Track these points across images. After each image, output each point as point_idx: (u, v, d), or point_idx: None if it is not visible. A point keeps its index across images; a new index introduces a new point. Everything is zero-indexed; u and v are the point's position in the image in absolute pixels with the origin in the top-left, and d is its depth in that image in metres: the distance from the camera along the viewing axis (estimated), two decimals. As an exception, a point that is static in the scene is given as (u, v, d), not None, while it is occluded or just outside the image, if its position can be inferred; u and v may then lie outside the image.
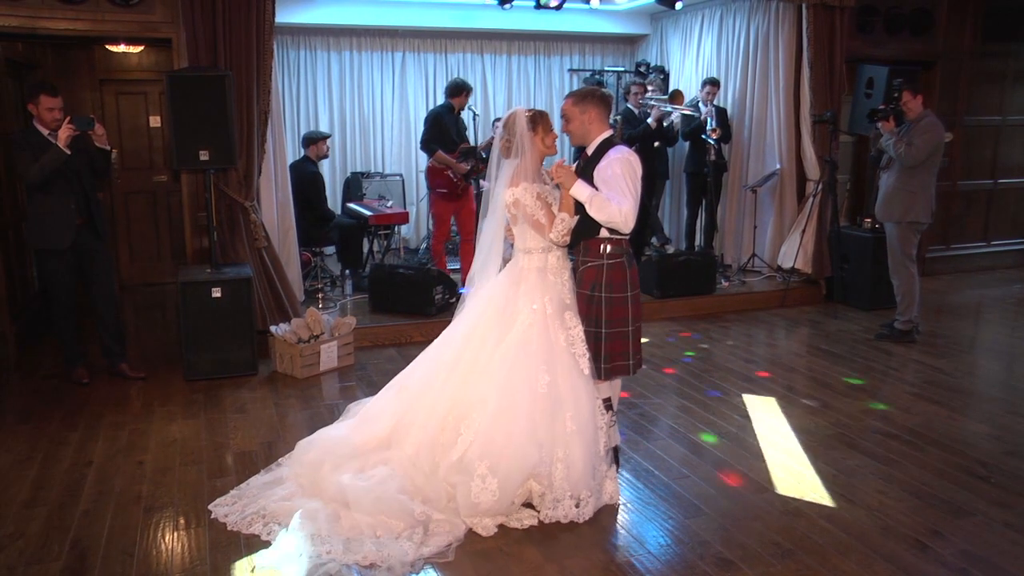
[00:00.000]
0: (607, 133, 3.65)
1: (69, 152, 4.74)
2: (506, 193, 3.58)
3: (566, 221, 3.52)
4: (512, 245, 3.73)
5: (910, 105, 5.92)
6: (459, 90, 6.87)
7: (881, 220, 6.10)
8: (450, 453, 3.46)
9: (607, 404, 3.71)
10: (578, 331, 3.58)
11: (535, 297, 3.56)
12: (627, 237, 3.64)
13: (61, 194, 4.85)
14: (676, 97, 7.41)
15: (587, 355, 3.57)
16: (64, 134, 4.70)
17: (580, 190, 3.46)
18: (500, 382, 3.47)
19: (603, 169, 3.50)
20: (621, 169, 3.47)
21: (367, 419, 3.82)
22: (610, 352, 3.62)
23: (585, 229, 3.56)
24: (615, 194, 3.44)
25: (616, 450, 3.86)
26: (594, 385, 3.59)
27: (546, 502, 3.41)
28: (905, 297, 6.09)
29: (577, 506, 3.42)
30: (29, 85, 4.83)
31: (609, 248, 3.58)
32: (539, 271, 3.60)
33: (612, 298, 3.59)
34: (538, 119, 3.61)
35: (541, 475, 3.40)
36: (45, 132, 4.81)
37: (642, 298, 3.77)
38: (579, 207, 3.53)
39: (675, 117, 7.70)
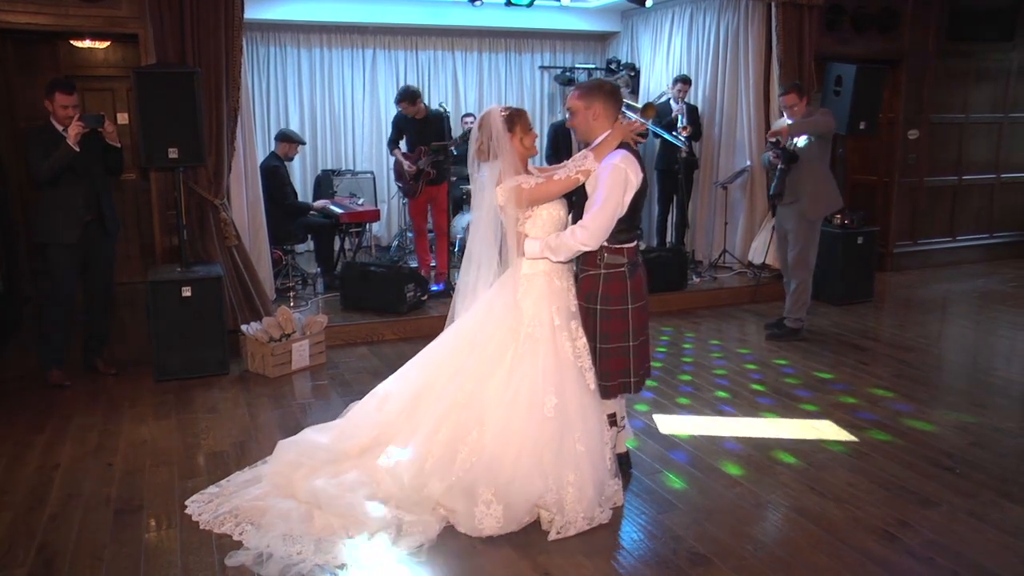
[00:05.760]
0: (609, 132, 3.42)
1: (78, 150, 4.76)
2: (497, 192, 3.34)
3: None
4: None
5: (796, 109, 5.89)
6: (400, 97, 7.00)
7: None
8: (447, 471, 3.30)
9: (611, 420, 3.57)
10: (583, 342, 3.43)
11: (542, 307, 3.37)
12: (632, 245, 3.43)
13: (70, 190, 4.88)
14: (647, 111, 7.44)
15: (592, 369, 3.43)
16: (73, 131, 4.74)
17: (531, 249, 3.36)
18: (505, 403, 3.29)
19: (595, 176, 3.31)
20: (608, 177, 3.27)
21: (347, 432, 3.68)
22: (609, 370, 3.45)
23: None
24: (590, 210, 3.27)
25: (627, 455, 3.83)
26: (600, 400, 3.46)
27: (556, 526, 3.24)
28: (802, 296, 6.08)
29: (590, 523, 3.30)
30: (48, 82, 4.87)
31: (607, 257, 3.38)
32: (545, 275, 3.41)
33: (609, 311, 3.40)
34: (515, 118, 3.40)
35: (548, 503, 3.26)
36: (60, 129, 4.82)
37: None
38: (574, 206, 3.44)
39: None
